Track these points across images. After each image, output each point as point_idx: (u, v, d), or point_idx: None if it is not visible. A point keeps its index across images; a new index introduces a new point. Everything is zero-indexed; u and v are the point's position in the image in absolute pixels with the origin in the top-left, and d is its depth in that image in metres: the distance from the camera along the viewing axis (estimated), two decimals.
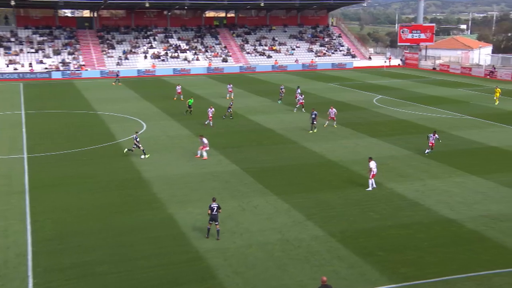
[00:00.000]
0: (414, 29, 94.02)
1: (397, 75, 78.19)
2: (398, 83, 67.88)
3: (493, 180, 27.45)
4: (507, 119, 43.85)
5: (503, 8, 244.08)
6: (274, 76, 78.07)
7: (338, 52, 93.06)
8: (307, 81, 71.26)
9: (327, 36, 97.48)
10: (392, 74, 79.66)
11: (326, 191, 26.11)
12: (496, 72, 75.49)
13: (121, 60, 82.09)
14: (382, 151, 33.72)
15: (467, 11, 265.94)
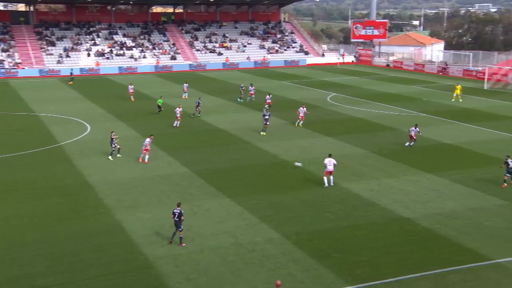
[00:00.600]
0: (367, 25, 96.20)
1: (351, 72, 79.78)
2: (352, 81, 69.26)
3: (447, 178, 28.43)
4: (460, 116, 45.51)
5: (453, 5, 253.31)
6: (225, 74, 78.05)
7: (291, 49, 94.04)
8: (260, 79, 71.61)
9: (279, 33, 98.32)
10: (345, 71, 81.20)
11: (280, 192, 26.34)
12: (448, 68, 78.24)
13: (61, 58, 79.97)
14: (337, 150, 34.27)
15: (419, 7, 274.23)
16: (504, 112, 46.97)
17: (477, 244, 20.38)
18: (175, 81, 69.57)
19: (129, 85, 55.04)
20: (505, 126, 41.23)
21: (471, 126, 41.53)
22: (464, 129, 40.46)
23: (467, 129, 40.56)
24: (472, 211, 23.72)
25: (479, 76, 70.26)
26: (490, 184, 27.48)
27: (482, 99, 54.15)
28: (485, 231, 21.60)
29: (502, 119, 44.25)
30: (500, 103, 52.06)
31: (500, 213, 23.59)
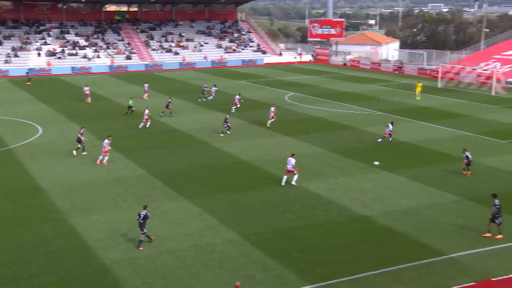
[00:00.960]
0: (324, 24, 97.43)
1: (309, 71, 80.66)
2: (310, 80, 70.04)
3: (404, 175, 29.16)
4: (416, 114, 46.71)
5: (408, 4, 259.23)
6: (182, 74, 77.59)
7: (248, 48, 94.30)
8: (217, 78, 71.51)
9: (237, 32, 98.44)
10: (303, 70, 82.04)
11: (239, 192, 26.42)
12: (404, 67, 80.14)
13: (9, 58, 77.67)
14: (295, 150, 34.52)
15: (374, 6, 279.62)
16: (458, 110, 48.49)
17: (433, 240, 21.00)
18: (131, 81, 68.68)
19: (85, 86, 53.88)
20: (459, 124, 42.57)
21: (426, 124, 42.69)
22: (420, 127, 41.55)
23: (423, 127, 41.67)
24: (428, 208, 24.42)
25: (433, 74, 72.24)
26: (445, 181, 28.34)
27: (436, 97, 55.74)
28: (440, 227, 22.27)
29: (456, 117, 45.67)
30: (454, 101, 53.71)
31: (455, 209, 24.37)
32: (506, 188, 27.11)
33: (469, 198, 25.51)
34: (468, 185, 27.49)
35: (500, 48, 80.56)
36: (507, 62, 70.96)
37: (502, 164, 31.34)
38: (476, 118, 45.02)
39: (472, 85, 63.45)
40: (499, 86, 58.98)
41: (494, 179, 28.60)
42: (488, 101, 53.39)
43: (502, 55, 76.56)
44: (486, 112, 47.79)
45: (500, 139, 37.24)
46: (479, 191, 26.63)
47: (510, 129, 40.77)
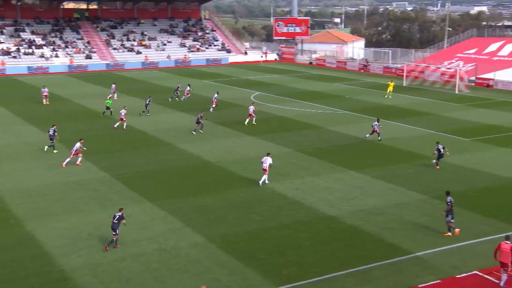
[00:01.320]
0: (289, 23, 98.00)
1: (274, 70, 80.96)
2: (275, 79, 70.30)
3: (370, 174, 29.54)
4: (382, 113, 47.37)
5: (373, 3, 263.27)
6: (145, 73, 76.82)
7: (213, 47, 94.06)
8: (181, 78, 71.06)
9: (200, 30, 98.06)
10: (269, 69, 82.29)
11: (204, 194, 26.30)
12: (369, 66, 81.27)
13: None
14: (261, 150, 34.68)
15: (340, 4, 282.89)
16: (422, 109, 49.43)
17: (399, 239, 21.33)
18: (91, 81, 67.60)
19: (42, 87, 52.54)
20: (424, 122, 43.40)
21: (392, 123, 43.37)
22: (386, 126, 42.15)
23: (389, 126, 42.31)
24: (394, 207, 24.79)
25: (398, 73, 73.48)
26: (411, 179, 28.84)
27: (402, 96, 56.69)
28: (406, 226, 22.64)
29: (421, 115, 46.55)
30: (419, 99, 54.74)
31: (420, 207, 24.82)
32: (469, 186, 27.80)
33: (434, 196, 26.02)
34: (434, 184, 28.04)
35: (463, 47, 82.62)
36: (469, 61, 72.77)
37: (466, 162, 32.09)
38: (441, 116, 45.98)
39: (437, 84, 64.85)
40: (462, 85, 60.42)
41: (459, 177, 29.26)
42: (452, 100, 54.63)
43: (465, 54, 78.50)
44: (450, 110, 48.88)
45: (464, 137, 38.13)
46: (444, 189, 27.13)
47: (474, 127, 41.79)
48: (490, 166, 31.19)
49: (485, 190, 27.15)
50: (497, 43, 79.16)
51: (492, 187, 27.61)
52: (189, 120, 43.92)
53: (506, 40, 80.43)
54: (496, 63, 69.22)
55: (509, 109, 49.69)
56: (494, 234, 21.72)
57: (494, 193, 26.79)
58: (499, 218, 23.33)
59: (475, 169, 30.73)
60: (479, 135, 38.65)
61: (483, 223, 22.88)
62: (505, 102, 53.63)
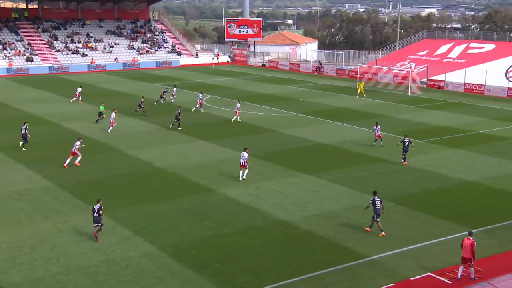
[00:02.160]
0: (241, 24, 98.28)
1: (226, 72, 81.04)
2: (228, 82, 70.40)
3: (325, 178, 29.96)
4: (335, 115, 48.16)
5: (325, 4, 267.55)
6: (91, 77, 75.48)
7: (162, 49, 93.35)
8: (129, 81, 70.26)
9: (149, 32, 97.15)
10: (220, 71, 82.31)
11: (155, 201, 26.05)
12: (323, 68, 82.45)
13: None
14: (214, 155, 34.69)
15: (292, 5, 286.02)
16: (376, 110, 50.51)
17: (354, 243, 21.72)
18: (33, 85, 65.87)
19: None
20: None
21: (346, 125, 44.13)
22: (340, 129, 42.89)
23: (343, 128, 43.04)
24: (349, 210, 25.23)
25: (352, 75, 74.85)
26: (365, 182, 29.42)
27: (355, 98, 57.76)
28: (361, 229, 23.07)
29: (375, 117, 47.47)
30: (372, 101, 55.92)
31: None
32: (422, 188, 28.58)
33: (389, 199, 26.61)
34: (388, 186, 28.69)
35: (414, 49, 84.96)
36: (421, 62, 74.89)
37: (420, 163, 32.98)
38: (394, 118, 47.10)
39: (390, 85, 66.36)
40: (414, 86, 62.07)
41: (412, 179, 30.05)
42: (405, 101, 56.05)
43: (416, 56, 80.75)
44: (403, 112, 50.14)
45: (417, 139, 39.13)
46: (398, 191, 27.88)
47: (426, 128, 43.00)
48: (442, 167, 32.17)
49: (437, 192, 27.97)
50: (447, 45, 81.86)
51: (444, 188, 28.48)
52: (140, 126, 43.48)
53: (455, 42, 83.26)
54: (446, 64, 71.51)
55: (460, 110, 51.39)
56: (447, 235, 22.43)
57: (446, 194, 27.64)
58: (450, 219, 24.10)
59: (428, 170, 31.63)
60: (432, 137, 39.80)
61: (435, 225, 23.57)
62: (456, 103, 55.43)
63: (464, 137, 39.84)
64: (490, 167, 32.41)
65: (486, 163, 33.26)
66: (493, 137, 40.10)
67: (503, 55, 73.41)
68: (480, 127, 43.59)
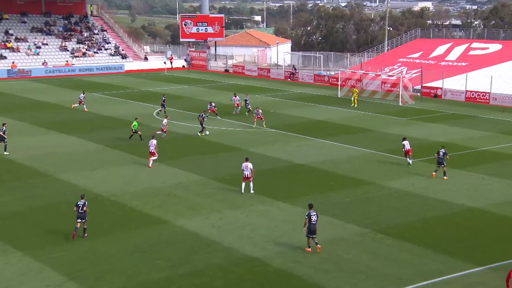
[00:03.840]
0: (199, 21, 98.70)
1: (182, 79, 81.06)
2: (184, 90, 70.41)
3: (301, 205, 30.01)
4: (313, 130, 48.51)
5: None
6: (12, 85, 74.56)
7: (103, 51, 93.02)
8: (61, 90, 69.64)
9: (87, 30, 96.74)
10: (175, 78, 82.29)
11: (95, 238, 25.75)
12: (297, 73, 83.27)
13: None
14: (168, 178, 34.51)
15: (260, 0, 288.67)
16: (360, 124, 51.14)
17: (337, 283, 21.82)
18: None
19: None
20: (362, 140, 44.86)
21: (325, 141, 44.51)
22: (319, 146, 43.23)
23: (322, 145, 43.39)
24: (331, 244, 25.37)
25: (332, 82, 75.78)
26: (349, 209, 29.64)
27: (336, 109, 58.38)
28: (345, 266, 23.22)
29: (359, 132, 48.12)
30: (356, 113, 56.62)
31: (360, 243, 25.54)
32: (417, 216, 28.91)
33: (377, 229, 26.87)
34: (376, 214, 28.97)
35: (406, 50, 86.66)
36: (413, 66, 76.23)
37: (413, 187, 33.43)
38: (382, 133, 47.73)
39: (377, 94, 67.31)
40: (406, 95, 63.07)
41: (405, 206, 30.38)
42: (395, 113, 56.92)
43: (408, 58, 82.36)
44: (393, 125, 50.87)
45: None
46: (389, 220, 28.17)
47: (421, 145, 43.65)
48: (441, 192, 32.65)
49: (435, 221, 28.35)
50: (445, 46, 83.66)
51: (443, 217, 28.87)
52: (77, 144, 43.10)
53: (454, 41, 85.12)
54: (444, 68, 72.95)
55: (460, 123, 52.38)
56: (448, 273, 22.66)
57: (446, 224, 28.02)
58: (452, 254, 24.37)
59: (423, 195, 32.07)
60: (427, 155, 40.36)
61: (434, 260, 23.83)
62: (456, 115, 56.54)
63: (466, 156, 40.55)
64: (497, 191, 33.02)
65: (493, 187, 33.88)
66: (500, 155, 40.92)
67: (511, 57, 74.99)
68: (485, 143, 44.46)
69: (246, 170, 31.46)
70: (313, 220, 24.11)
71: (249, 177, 31.55)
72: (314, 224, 24.10)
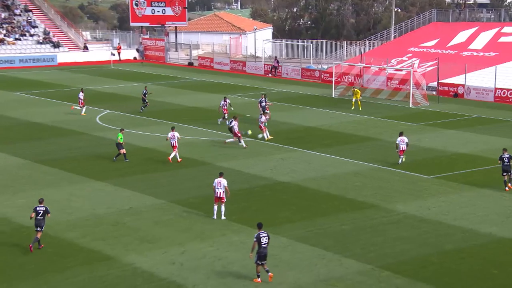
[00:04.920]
0: (154, 1, 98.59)
1: (133, 75, 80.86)
2: (135, 89, 70.16)
3: (285, 235, 30.07)
4: (301, 139, 48.51)
5: None
6: None
7: (28, 37, 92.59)
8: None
9: (5, 10, 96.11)
10: (124, 74, 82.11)
11: (19, 280, 25.51)
12: (280, 67, 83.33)
13: None
14: (113, 203, 34.31)
15: None
16: (360, 132, 51.38)
17: None
18: None
19: None
20: (363, 152, 45.08)
21: (317, 154, 44.55)
22: (308, 159, 43.22)
23: (312, 158, 43.40)
24: (324, 285, 25.37)
25: (324, 78, 76.07)
26: (348, 239, 29.59)
27: (330, 113, 58.48)
28: None
29: (359, 141, 48.17)
30: (355, 118, 56.75)
31: (362, 284, 25.53)
32: (433, 248, 28.79)
33: (383, 265, 26.80)
34: (382, 246, 28.93)
35: (418, 37, 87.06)
36: (428, 58, 76.18)
37: (427, 211, 33.39)
38: (388, 142, 47.76)
39: (381, 93, 67.47)
40: (419, 94, 63.20)
41: (417, 235, 30.24)
42: (404, 117, 57.16)
43: (421, 48, 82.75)
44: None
45: (422, 174, 39.82)
46: (398, 254, 28.16)
47: (436, 158, 43.87)
48: (463, 218, 32.71)
49: (456, 254, 28.34)
50: (468, 31, 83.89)
51: (466, 249, 28.87)
52: None
53: (480, 25, 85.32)
54: (467, 60, 73.15)
55: (488, 129, 52.74)
56: None
57: (470, 258, 28.02)
58: None
59: (441, 221, 32.10)
60: (445, 171, 40.61)
61: None
62: (482, 119, 56.91)
63: (495, 171, 40.74)
64: None
65: None
66: None
67: None
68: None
69: (219, 188, 31.53)
70: (263, 243, 24.73)
71: (222, 198, 31.67)
72: (265, 248, 24.83)
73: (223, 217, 31.88)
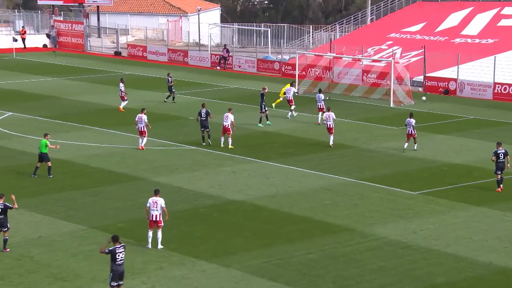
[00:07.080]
0: None
1: (42, 67, 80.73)
2: (45, 85, 70.07)
3: (238, 267, 30.17)
4: (256, 148, 48.80)
5: None
6: None
7: None
8: None
9: None
10: (30, 66, 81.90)
11: None
12: (231, 57, 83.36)
13: None
14: (19, 230, 34.02)
15: None
16: (314, 136, 51.81)
17: None
18: None
19: None
20: (334, 162, 45.54)
21: (277, 165, 44.75)
22: (266, 172, 43.36)
23: (271, 170, 43.58)
24: None
25: (286, 71, 76.30)
26: (314, 272, 29.75)
27: (293, 115, 58.56)
28: None
29: (329, 149, 48.40)
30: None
31: None
32: (421, 281, 29.16)
33: None
34: (356, 278, 29.13)
35: (400, 20, 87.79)
36: (412, 46, 76.56)
37: (413, 235, 33.58)
38: (364, 150, 48.26)
39: (355, 90, 67.78)
40: (401, 91, 63.53)
41: (399, 265, 30.42)
42: (384, 120, 57.65)
43: (403, 33, 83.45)
44: (381, 140, 51.45)
45: (406, 189, 40.10)
46: (380, 287, 28.46)
47: (423, 169, 44.29)
48: (456, 243, 33.01)
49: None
50: (461, 13, 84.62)
51: (461, 283, 29.10)
52: None
53: (476, 5, 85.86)
54: (459, 49, 73.93)
55: (485, 134, 53.21)
56: None
57: None
58: None
59: (429, 248, 32.36)
60: (434, 185, 41.01)
61: None
62: (479, 121, 57.61)
63: (495, 186, 41.10)
64: None
65: None
66: None
67: None
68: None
69: (154, 210, 31.45)
70: (119, 259, 25.92)
71: (159, 222, 31.59)
72: (121, 265, 25.97)
73: (159, 245, 31.66)
